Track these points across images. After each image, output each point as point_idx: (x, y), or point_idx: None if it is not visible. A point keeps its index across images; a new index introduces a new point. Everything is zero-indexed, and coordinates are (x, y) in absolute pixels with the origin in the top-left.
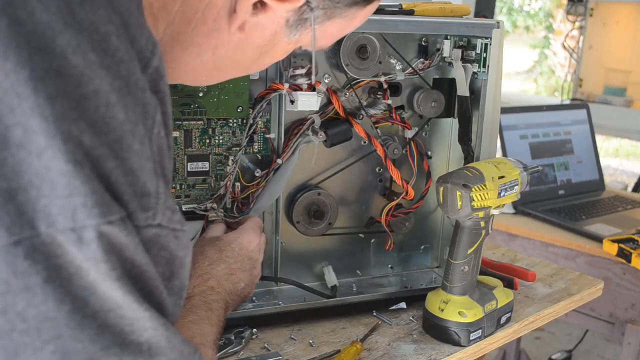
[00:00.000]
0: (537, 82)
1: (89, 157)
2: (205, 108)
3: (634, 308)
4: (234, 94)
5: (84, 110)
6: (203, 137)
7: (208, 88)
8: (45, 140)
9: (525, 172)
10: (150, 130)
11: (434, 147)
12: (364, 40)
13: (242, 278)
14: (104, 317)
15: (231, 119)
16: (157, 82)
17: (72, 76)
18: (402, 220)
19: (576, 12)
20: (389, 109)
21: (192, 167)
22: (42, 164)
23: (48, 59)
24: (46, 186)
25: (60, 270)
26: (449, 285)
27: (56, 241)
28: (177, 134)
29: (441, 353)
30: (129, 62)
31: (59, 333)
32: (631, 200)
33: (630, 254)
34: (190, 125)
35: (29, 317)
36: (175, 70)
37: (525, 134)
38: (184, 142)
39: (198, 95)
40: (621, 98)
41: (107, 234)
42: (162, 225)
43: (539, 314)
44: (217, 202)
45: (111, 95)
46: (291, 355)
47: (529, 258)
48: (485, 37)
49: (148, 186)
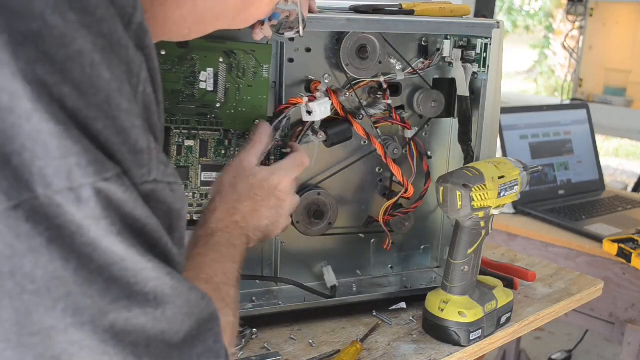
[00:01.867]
0: (537, 82)
1: (77, 118)
2: (221, 119)
3: (634, 308)
4: (252, 107)
5: (68, 72)
6: (219, 147)
7: (226, 99)
8: (32, 103)
9: (525, 172)
10: (135, 88)
11: (434, 147)
12: (364, 40)
13: (267, 215)
14: (109, 271)
15: (248, 132)
16: (142, 38)
17: (54, 37)
18: (402, 220)
19: (576, 12)
20: (389, 109)
21: (206, 177)
22: (32, 127)
23: (26, 21)
24: (39, 148)
25: (62, 230)
26: (449, 285)
27: (55, 202)
28: (193, 143)
29: (441, 353)
30: (110, 20)
31: (68, 290)
32: (631, 200)
33: (630, 254)
34: (206, 135)
35: (38, 277)
36: (157, 27)
37: (525, 134)
38: (199, 151)
39: (215, 106)
40: (621, 98)
41: (105, 190)
42: (157, 180)
43: (539, 314)
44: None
45: (95, 55)
46: (291, 355)
47: (529, 258)
48: (485, 37)
49: (140, 143)
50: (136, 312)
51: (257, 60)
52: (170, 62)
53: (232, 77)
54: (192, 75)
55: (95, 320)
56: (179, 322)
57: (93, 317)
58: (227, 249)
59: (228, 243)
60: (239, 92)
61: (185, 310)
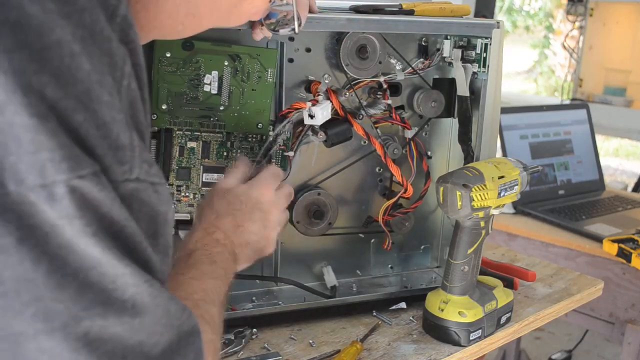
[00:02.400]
0: (537, 82)
1: (54, 110)
2: (224, 122)
3: (634, 308)
4: (255, 111)
5: (46, 61)
6: (221, 149)
7: (229, 103)
8: (6, 94)
9: (525, 172)
10: (119, 82)
11: (434, 147)
12: (364, 40)
13: (253, 230)
14: (84, 275)
15: (250, 135)
16: (127, 32)
17: (32, 27)
18: (402, 220)
19: (576, 12)
20: (389, 109)
21: (207, 178)
22: (4, 120)
23: (4, 10)
24: (12, 143)
25: (34, 230)
26: (449, 285)
27: (27, 199)
28: (195, 144)
29: (441, 353)
30: (91, 10)
31: (39, 294)
32: (631, 200)
33: (630, 254)
34: (209, 136)
35: (5, 279)
36: (148, 19)
37: (525, 134)
38: (201, 152)
39: (219, 109)
40: (621, 98)
41: (79, 188)
42: (140, 179)
43: (539, 314)
44: None
45: (74, 45)
46: (291, 355)
47: (528, 258)
48: (485, 37)
49: (122, 139)
50: (112, 320)
51: (262, 64)
52: (175, 64)
53: (237, 80)
54: (197, 77)
55: (67, 327)
56: (157, 334)
57: (65, 324)
58: (207, 266)
59: (208, 260)
60: (243, 96)
61: (165, 321)
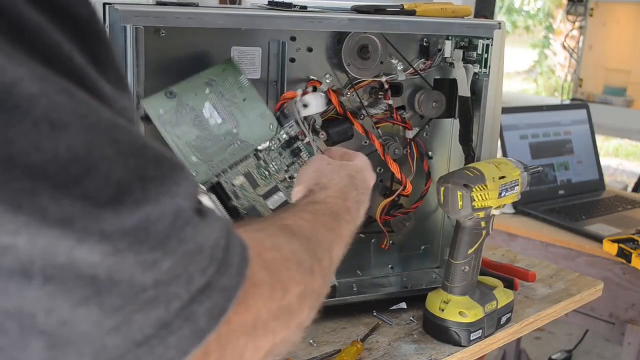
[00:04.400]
0: (537, 82)
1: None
2: (247, 140)
3: (634, 308)
4: (258, 116)
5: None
6: (260, 171)
7: (237, 121)
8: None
9: (526, 172)
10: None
11: (435, 147)
12: (365, 41)
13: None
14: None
15: (271, 143)
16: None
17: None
18: (402, 220)
19: (576, 12)
20: (390, 109)
21: (273, 203)
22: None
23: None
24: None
25: None
26: (449, 286)
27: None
28: (241, 179)
29: (441, 353)
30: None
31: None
32: (631, 200)
33: (630, 254)
34: (245, 168)
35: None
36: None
37: (525, 134)
38: (251, 185)
39: (233, 132)
40: (621, 98)
41: None
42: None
43: (539, 314)
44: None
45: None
46: (291, 355)
47: (529, 259)
48: (486, 37)
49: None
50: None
51: (232, 76)
52: (173, 117)
53: (227, 100)
54: (197, 117)
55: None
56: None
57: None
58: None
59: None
60: (241, 110)
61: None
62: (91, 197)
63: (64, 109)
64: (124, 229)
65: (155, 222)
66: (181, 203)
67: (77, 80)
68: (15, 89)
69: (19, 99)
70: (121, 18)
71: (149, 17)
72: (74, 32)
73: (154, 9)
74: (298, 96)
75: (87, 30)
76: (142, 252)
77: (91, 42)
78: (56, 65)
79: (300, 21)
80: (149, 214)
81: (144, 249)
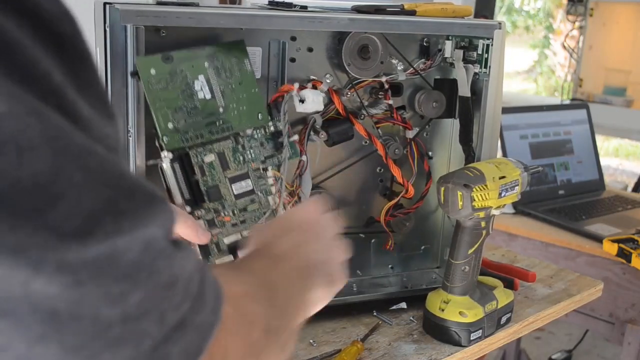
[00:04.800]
0: (537, 82)
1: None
2: (230, 122)
3: (634, 308)
4: (250, 102)
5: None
6: (236, 155)
7: (226, 102)
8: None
9: (526, 172)
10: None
11: (435, 147)
12: (365, 41)
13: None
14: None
15: (255, 131)
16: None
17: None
18: (403, 221)
19: (576, 12)
20: (390, 109)
21: (238, 189)
22: None
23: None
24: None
25: None
26: (449, 286)
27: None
28: (212, 157)
29: (441, 353)
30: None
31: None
32: (631, 200)
33: (630, 254)
34: (220, 146)
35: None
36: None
37: (525, 134)
38: (220, 165)
39: (219, 111)
40: (621, 98)
41: None
42: None
43: (539, 314)
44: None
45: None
46: (292, 355)
47: (529, 259)
48: (487, 37)
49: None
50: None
51: (237, 57)
52: (163, 80)
53: (223, 79)
54: (188, 87)
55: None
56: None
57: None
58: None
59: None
60: (234, 92)
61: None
62: (55, 227)
63: (32, 131)
64: (87, 258)
65: (123, 251)
66: (154, 232)
67: (53, 100)
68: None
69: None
70: (121, 17)
71: (149, 17)
72: (55, 49)
73: (155, 9)
74: (295, 89)
75: (69, 48)
76: (108, 284)
77: (73, 61)
78: (30, 83)
79: (300, 21)
80: (117, 244)
81: (110, 280)
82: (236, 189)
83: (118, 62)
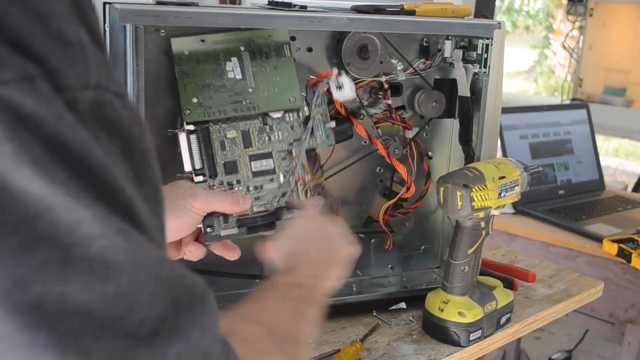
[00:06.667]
0: (537, 82)
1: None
2: (257, 103)
3: (634, 308)
4: (283, 86)
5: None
6: (261, 135)
7: (256, 84)
8: None
9: (526, 172)
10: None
11: (435, 147)
12: (365, 40)
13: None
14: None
15: (287, 114)
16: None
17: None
18: (402, 221)
19: (576, 12)
20: (390, 109)
21: (257, 167)
22: None
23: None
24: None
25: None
26: (449, 286)
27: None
28: (235, 134)
29: (441, 353)
30: None
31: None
32: (631, 200)
33: (630, 254)
34: (247, 124)
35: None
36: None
37: (525, 134)
38: (242, 142)
39: (248, 91)
40: (621, 98)
41: (4, 98)
42: (101, 86)
43: (539, 314)
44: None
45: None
46: None
47: (529, 259)
48: (486, 37)
49: (67, 33)
50: (74, 285)
51: (276, 42)
52: (194, 59)
53: (257, 62)
54: (219, 67)
55: (11, 294)
56: (143, 305)
57: (7, 291)
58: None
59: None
60: (267, 75)
61: (152, 288)
62: (132, 333)
63: (119, 249)
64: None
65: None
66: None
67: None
68: (77, 227)
69: (79, 238)
70: (121, 17)
71: (148, 17)
72: (125, 155)
73: (154, 8)
74: (333, 75)
75: (137, 149)
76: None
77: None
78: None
79: (300, 21)
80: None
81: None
82: (255, 166)
83: (118, 61)
